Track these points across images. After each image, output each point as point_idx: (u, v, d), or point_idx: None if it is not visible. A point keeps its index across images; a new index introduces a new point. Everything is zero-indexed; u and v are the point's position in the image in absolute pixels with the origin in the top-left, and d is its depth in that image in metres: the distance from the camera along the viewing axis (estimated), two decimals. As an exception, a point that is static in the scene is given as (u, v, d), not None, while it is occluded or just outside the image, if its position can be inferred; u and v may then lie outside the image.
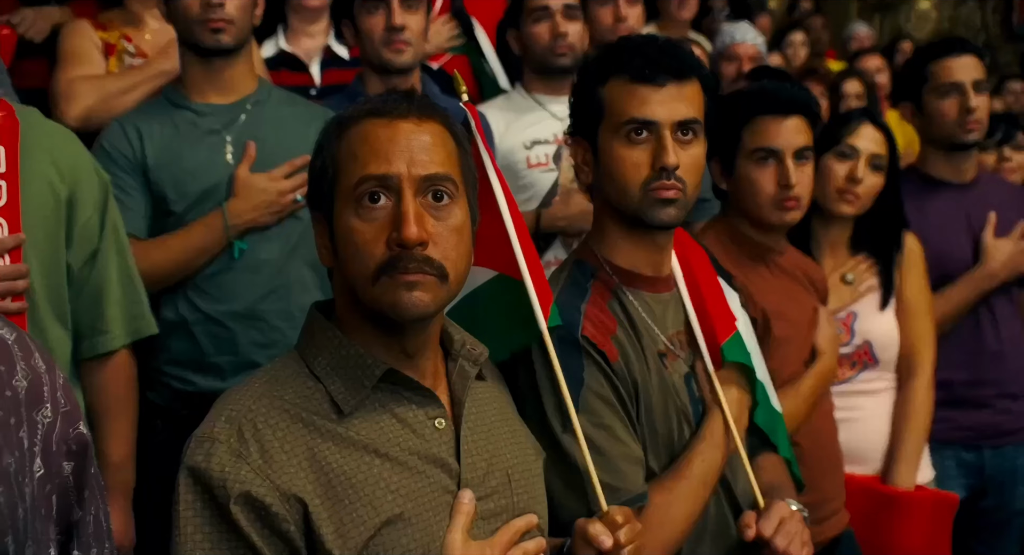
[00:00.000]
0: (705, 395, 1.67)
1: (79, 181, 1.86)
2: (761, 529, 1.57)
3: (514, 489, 1.36)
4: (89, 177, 1.89)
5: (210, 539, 1.18)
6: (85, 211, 1.87)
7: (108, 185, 1.93)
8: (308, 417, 1.24)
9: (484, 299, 1.52)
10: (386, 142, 1.26)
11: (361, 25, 2.56)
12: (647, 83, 1.59)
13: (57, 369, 1.06)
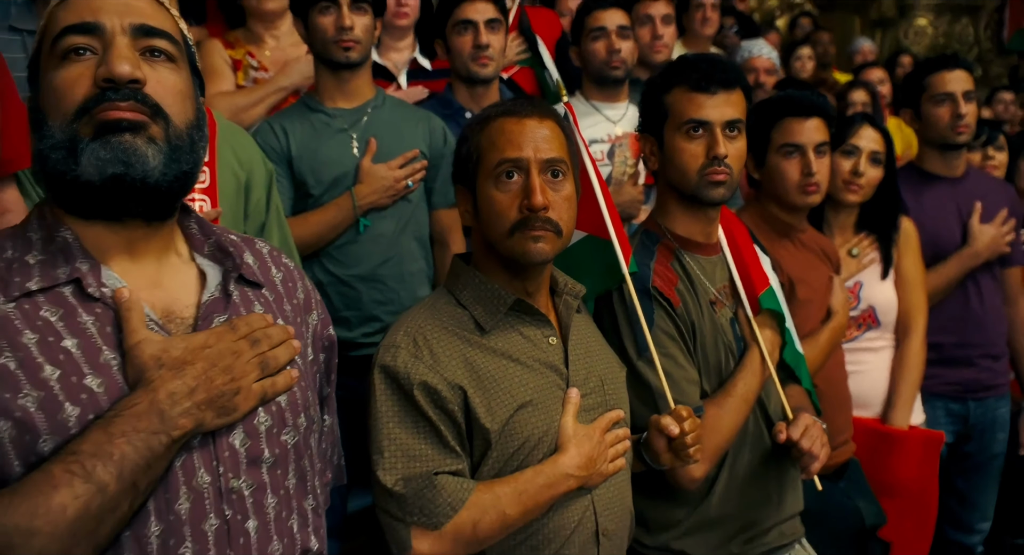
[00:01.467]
0: (745, 334, 1.96)
1: (253, 169, 2.10)
2: (790, 433, 1.86)
3: (606, 390, 1.69)
4: (259, 166, 2.13)
5: (398, 416, 1.51)
6: (256, 192, 2.11)
7: (273, 173, 2.16)
8: (460, 332, 1.58)
9: (577, 254, 1.82)
10: (517, 134, 1.59)
11: (451, 44, 2.82)
12: (702, 91, 1.88)
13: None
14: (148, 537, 1.08)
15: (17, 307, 1.09)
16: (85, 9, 1.16)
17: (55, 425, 1.05)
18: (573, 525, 1.59)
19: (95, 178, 1.11)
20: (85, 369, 1.09)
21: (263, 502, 1.17)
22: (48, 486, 1.01)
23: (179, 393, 1.09)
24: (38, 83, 1.18)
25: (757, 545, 1.95)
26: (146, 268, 1.19)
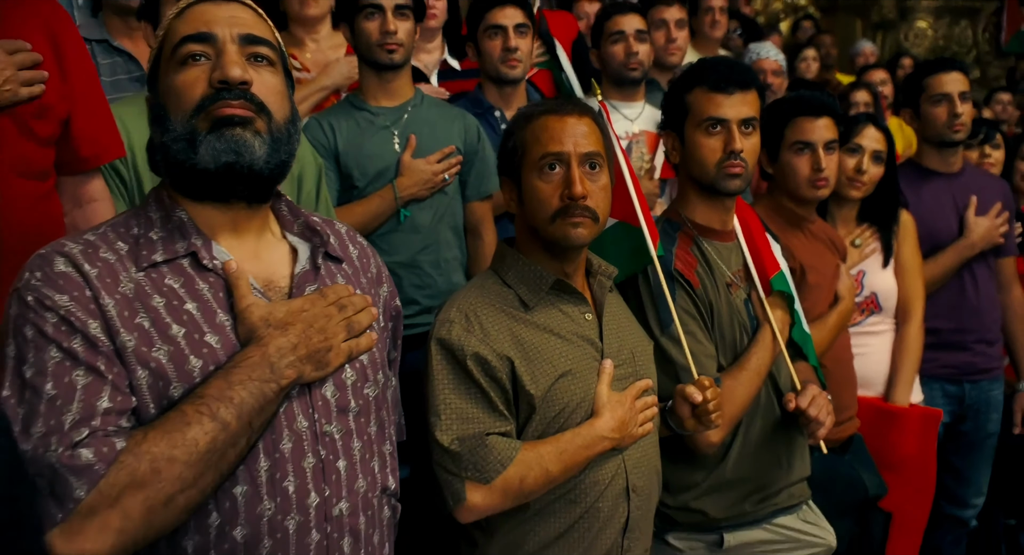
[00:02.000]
0: (758, 314, 2.12)
1: (304, 163, 2.25)
2: (799, 402, 2.03)
3: (636, 362, 1.86)
4: (310, 160, 2.28)
5: (453, 383, 1.69)
6: (308, 184, 2.26)
7: (322, 166, 2.31)
8: (506, 309, 1.75)
9: (607, 239, 1.98)
10: (559, 130, 1.76)
11: (482, 47, 2.98)
12: (720, 92, 2.05)
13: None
14: (259, 471, 1.26)
15: (146, 276, 1.27)
16: (200, 21, 1.33)
17: (183, 374, 1.23)
18: (606, 481, 1.76)
19: (211, 165, 1.29)
20: (205, 328, 1.26)
21: (350, 445, 1.35)
22: (183, 423, 1.19)
23: (284, 348, 1.27)
24: (157, 85, 1.36)
25: (768, 505, 2.12)
26: (247, 244, 1.37)
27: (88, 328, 1.21)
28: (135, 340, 1.23)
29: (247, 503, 1.25)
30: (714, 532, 2.08)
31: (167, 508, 1.18)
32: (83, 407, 1.18)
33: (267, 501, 1.26)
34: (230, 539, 1.24)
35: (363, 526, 1.35)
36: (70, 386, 1.19)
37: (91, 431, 1.17)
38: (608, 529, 1.77)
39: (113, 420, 1.19)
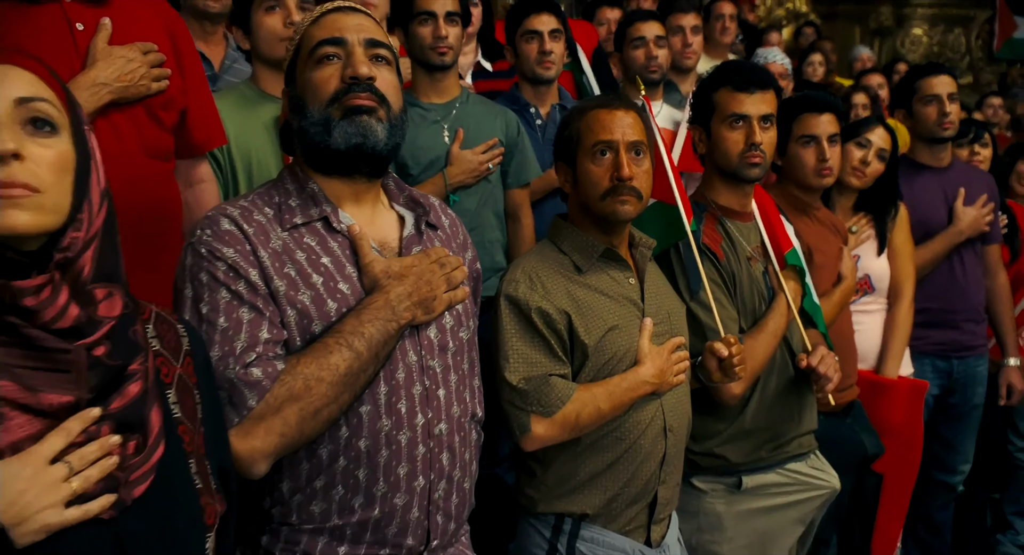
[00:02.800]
0: (774, 284, 2.42)
1: None
2: (810, 361, 2.32)
3: (671, 322, 2.16)
4: None
5: (520, 332, 1.98)
6: None
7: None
8: (563, 272, 2.05)
9: (647, 217, 2.27)
10: (609, 122, 2.06)
11: (520, 50, 3.27)
12: (743, 91, 2.34)
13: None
14: (379, 395, 1.55)
15: (290, 235, 1.57)
16: (333, 28, 1.62)
17: (322, 314, 1.52)
18: (647, 421, 2.06)
19: (342, 146, 1.58)
20: (337, 278, 1.56)
21: (448, 378, 1.64)
22: (325, 351, 1.48)
23: (402, 295, 1.56)
24: (295, 80, 1.65)
25: (780, 452, 2.41)
26: (365, 211, 1.66)
27: (249, 275, 1.50)
28: (285, 286, 1.52)
29: (370, 420, 1.54)
30: (733, 475, 2.37)
31: (315, 419, 1.48)
32: (248, 337, 1.48)
33: (385, 419, 1.55)
34: (355, 448, 1.54)
35: (457, 444, 1.64)
36: (238, 320, 1.48)
37: (257, 355, 1.46)
38: (648, 462, 2.06)
39: (271, 348, 1.49)
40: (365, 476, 1.54)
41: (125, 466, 1.14)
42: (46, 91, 1.13)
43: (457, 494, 1.64)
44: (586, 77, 3.88)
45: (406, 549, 1.59)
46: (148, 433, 1.17)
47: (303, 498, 1.54)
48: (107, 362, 1.15)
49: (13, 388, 1.08)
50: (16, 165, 1.07)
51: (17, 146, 1.07)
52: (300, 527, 1.55)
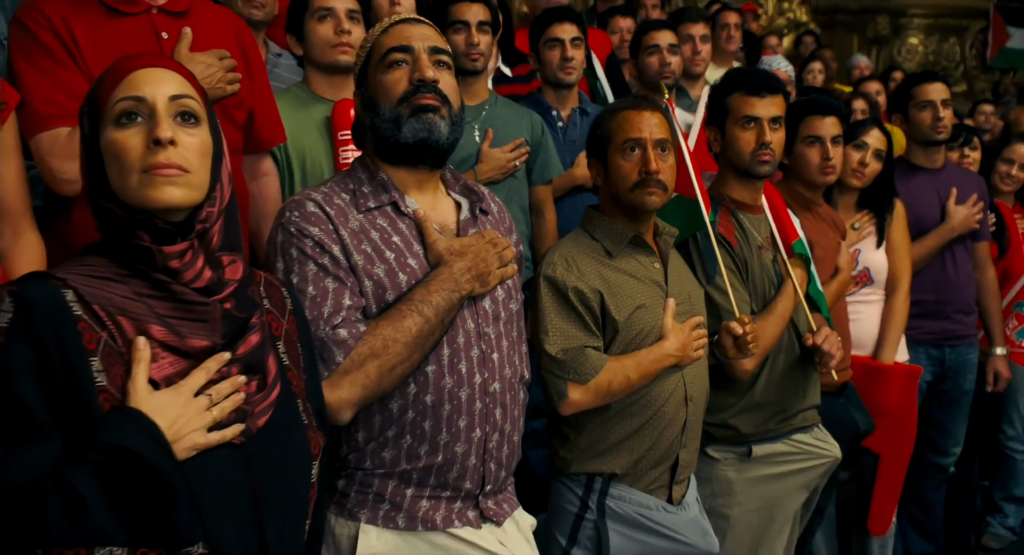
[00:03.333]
0: (782, 271, 2.63)
1: None
2: (815, 340, 2.55)
3: (692, 302, 2.38)
4: None
5: (557, 309, 2.19)
6: None
7: None
8: (595, 256, 2.27)
9: (668, 209, 2.49)
10: (638, 121, 2.27)
11: (543, 56, 3.48)
12: (755, 95, 2.56)
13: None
14: (443, 356, 1.77)
15: (364, 217, 1.79)
16: (401, 37, 1.84)
17: (395, 285, 1.75)
18: (670, 391, 2.28)
19: (410, 140, 1.80)
20: (407, 254, 1.78)
21: (501, 344, 1.86)
22: (399, 316, 1.70)
23: (463, 269, 1.78)
24: (367, 82, 1.87)
25: (787, 424, 2.63)
26: (427, 197, 1.88)
27: (332, 250, 1.73)
28: (363, 260, 1.74)
29: (435, 378, 1.76)
30: (744, 445, 2.58)
31: (391, 374, 1.70)
32: (334, 303, 1.70)
33: (448, 377, 1.77)
34: (422, 403, 1.76)
35: (508, 401, 1.86)
36: (324, 289, 1.70)
37: (342, 319, 1.68)
38: (671, 428, 2.28)
39: (353, 313, 1.71)
40: (430, 427, 1.76)
41: (250, 401, 1.36)
42: (191, 90, 1.35)
43: (507, 445, 1.86)
44: (600, 83, 4.12)
45: (464, 492, 1.81)
46: (267, 375, 1.39)
47: (376, 446, 1.76)
48: (235, 315, 1.37)
49: (164, 333, 1.30)
50: (172, 150, 1.29)
51: (173, 134, 1.29)
52: (373, 472, 1.77)
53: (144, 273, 1.31)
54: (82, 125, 1.36)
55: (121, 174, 1.29)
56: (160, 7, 2.21)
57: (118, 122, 1.30)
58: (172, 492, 1.19)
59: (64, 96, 2.07)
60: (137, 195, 1.29)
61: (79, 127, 1.37)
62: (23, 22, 2.10)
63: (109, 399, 1.24)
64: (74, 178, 2.07)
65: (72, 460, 1.19)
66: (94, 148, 1.33)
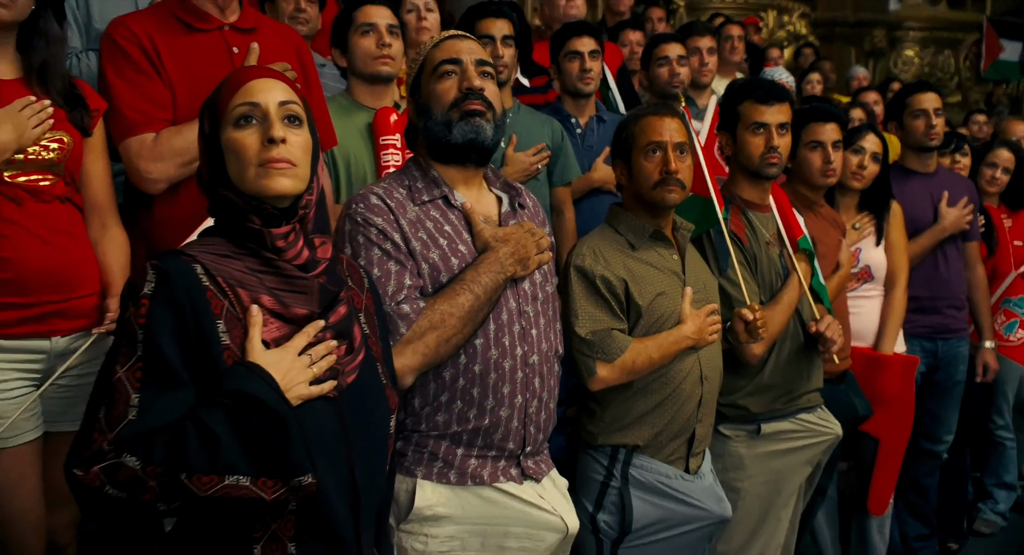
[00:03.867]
0: (788, 265, 2.87)
1: None
2: (819, 327, 2.78)
3: (706, 291, 2.60)
4: None
5: (586, 295, 2.42)
6: None
7: None
8: (620, 248, 2.50)
9: (684, 207, 2.73)
10: (659, 126, 2.51)
11: (563, 68, 3.72)
12: (764, 103, 2.80)
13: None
14: (489, 331, 2.00)
15: (420, 209, 2.02)
16: (452, 50, 2.07)
17: (448, 268, 1.98)
18: (687, 370, 2.51)
19: (460, 141, 2.04)
20: (457, 241, 2.02)
21: (539, 321, 2.10)
22: (454, 294, 1.94)
23: (507, 254, 2.02)
24: (420, 91, 2.10)
25: (793, 404, 2.87)
26: (472, 192, 2.12)
27: (394, 237, 1.96)
28: (420, 246, 1.98)
29: (482, 350, 2.00)
30: (753, 423, 2.81)
31: (447, 344, 1.93)
32: (396, 283, 1.93)
33: (493, 350, 2.01)
34: (471, 372, 1.99)
35: (545, 372, 2.10)
36: (388, 271, 1.94)
37: (404, 296, 1.92)
38: (688, 404, 2.51)
39: (413, 292, 1.94)
40: (478, 393, 2.00)
41: (340, 362, 1.59)
42: (295, 97, 1.59)
43: (544, 411, 2.10)
44: (612, 93, 4.35)
45: (507, 452, 2.04)
46: (353, 341, 1.63)
47: (430, 411, 2.00)
48: (328, 288, 1.61)
49: (272, 302, 1.53)
50: (283, 147, 1.53)
51: (284, 134, 1.53)
52: (427, 434, 2.01)
53: (255, 251, 1.55)
54: (202, 126, 1.60)
55: (239, 167, 1.53)
56: (231, 24, 2.45)
57: (236, 124, 1.54)
58: (287, 431, 1.43)
59: (150, 105, 2.31)
60: (253, 185, 1.52)
61: (199, 128, 1.61)
62: (113, 38, 2.34)
63: (231, 355, 1.47)
64: (159, 177, 2.31)
65: (205, 404, 1.42)
66: (215, 145, 1.56)
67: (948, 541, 4.37)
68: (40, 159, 2.13)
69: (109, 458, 1.38)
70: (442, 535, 1.99)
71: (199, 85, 2.38)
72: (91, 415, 1.42)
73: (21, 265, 2.09)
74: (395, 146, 2.93)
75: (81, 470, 1.37)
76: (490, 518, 2.02)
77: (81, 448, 1.39)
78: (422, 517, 1.98)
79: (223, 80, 1.60)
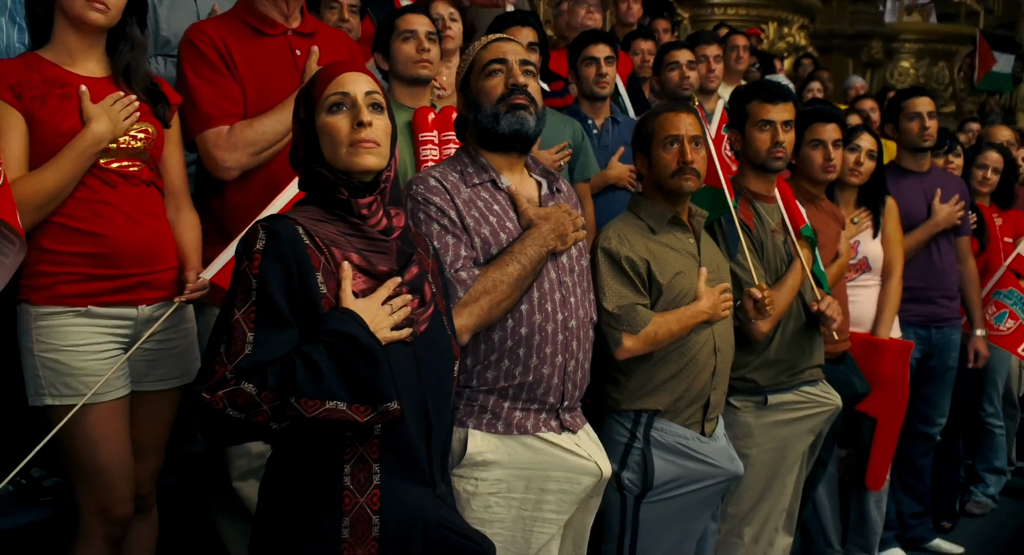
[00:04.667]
0: (791, 251, 3.14)
1: None
2: (820, 306, 3.05)
3: (719, 272, 2.86)
4: None
5: (612, 275, 2.68)
6: None
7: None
8: (641, 232, 2.77)
9: (696, 197, 3.01)
10: (677, 121, 2.77)
11: (580, 73, 3.99)
12: (770, 102, 3.07)
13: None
14: (534, 298, 2.28)
15: (471, 191, 2.30)
16: (498, 51, 2.35)
17: (497, 241, 2.25)
18: (703, 342, 2.77)
19: (507, 131, 2.31)
20: (504, 219, 2.29)
21: (575, 291, 2.37)
22: (503, 264, 2.21)
23: (549, 230, 2.29)
24: (470, 87, 2.38)
25: (796, 378, 3.13)
26: (515, 177, 2.39)
27: (450, 214, 2.24)
28: (472, 222, 2.25)
29: (527, 314, 2.27)
30: (761, 395, 3.08)
31: (498, 308, 2.20)
32: (454, 254, 2.21)
33: (537, 314, 2.28)
34: (518, 333, 2.26)
35: (581, 336, 2.37)
36: (446, 243, 2.21)
37: (461, 265, 2.19)
38: (703, 373, 2.78)
39: (468, 262, 2.22)
40: (523, 353, 2.26)
41: (414, 313, 1.86)
42: (377, 87, 1.87)
43: (580, 371, 2.37)
44: (622, 97, 4.65)
45: (548, 405, 2.31)
46: (424, 296, 1.90)
47: (481, 368, 2.27)
48: (404, 250, 1.88)
49: (359, 260, 1.81)
50: (370, 129, 1.80)
51: (370, 118, 1.81)
52: (478, 389, 2.27)
53: (343, 218, 1.82)
54: (297, 112, 1.87)
55: (333, 146, 1.80)
56: (294, 30, 2.74)
57: (330, 110, 1.82)
58: (378, 363, 1.70)
59: (224, 101, 2.60)
60: (345, 161, 1.80)
61: (294, 113, 1.89)
62: (192, 41, 2.62)
63: (328, 302, 1.75)
64: (233, 165, 2.59)
65: (309, 341, 1.69)
66: (310, 129, 1.84)
67: (942, 520, 4.65)
68: (130, 147, 2.40)
69: (230, 385, 1.65)
70: (491, 478, 2.26)
71: (266, 83, 2.67)
72: (212, 349, 1.69)
73: (114, 241, 2.36)
74: (432, 142, 3.21)
75: (208, 394, 1.64)
76: (533, 463, 2.29)
77: (205, 376, 1.66)
78: (473, 463, 2.24)
79: (317, 73, 1.87)
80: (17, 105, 2.25)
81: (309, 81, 1.88)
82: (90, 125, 2.27)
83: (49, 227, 2.31)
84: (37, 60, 2.35)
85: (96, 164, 2.33)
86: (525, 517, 2.28)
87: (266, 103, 2.65)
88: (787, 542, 3.30)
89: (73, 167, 2.26)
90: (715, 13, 8.99)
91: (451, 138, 3.17)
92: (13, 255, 2.20)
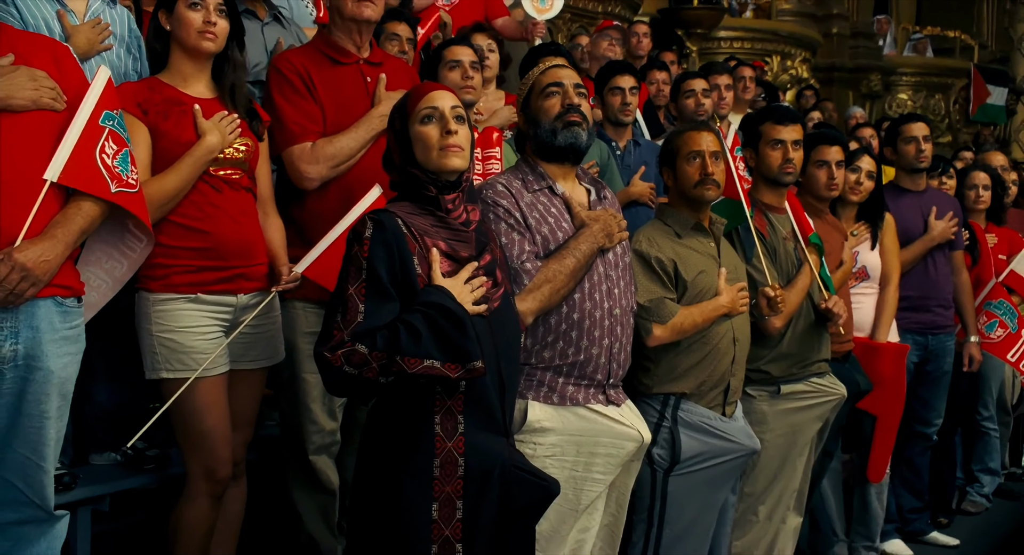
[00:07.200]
0: (801, 256, 3.50)
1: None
2: (828, 305, 3.40)
3: (737, 272, 3.21)
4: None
5: (644, 273, 3.01)
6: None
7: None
8: (668, 236, 3.12)
9: (716, 207, 3.38)
10: (699, 138, 3.13)
11: (606, 100, 4.34)
12: (782, 124, 3.45)
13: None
14: (585, 288, 2.62)
15: (532, 196, 2.66)
16: (555, 76, 2.71)
17: (555, 239, 2.61)
18: (723, 333, 3.12)
19: (563, 145, 2.67)
20: (561, 220, 2.65)
21: (619, 283, 2.72)
22: (561, 257, 2.56)
23: (598, 230, 2.65)
24: (530, 107, 2.74)
25: (806, 370, 3.47)
26: (568, 184, 2.75)
27: (515, 215, 2.60)
28: (534, 222, 2.61)
29: (579, 302, 2.62)
30: (774, 385, 3.41)
31: (556, 295, 2.56)
32: (519, 248, 2.56)
33: (588, 302, 2.63)
34: (571, 318, 2.61)
35: (625, 323, 2.72)
36: (512, 239, 2.57)
37: (526, 257, 2.55)
38: (724, 361, 3.12)
39: (531, 255, 2.57)
40: (576, 335, 2.61)
41: (489, 292, 2.22)
42: (459, 103, 2.24)
43: (623, 352, 2.72)
44: (638, 124, 5.03)
45: (596, 382, 2.66)
46: (497, 279, 2.26)
47: (539, 348, 2.61)
48: (481, 240, 2.24)
49: (445, 246, 2.17)
50: (455, 136, 2.17)
51: (456, 127, 2.18)
52: (536, 366, 2.62)
53: (431, 212, 2.19)
54: (392, 123, 2.24)
55: (425, 151, 2.17)
56: (365, 59, 3.13)
57: (422, 121, 2.19)
58: (466, 328, 2.05)
59: (307, 120, 2.98)
60: (436, 163, 2.17)
61: (389, 124, 2.25)
62: (279, 68, 3.01)
63: (422, 281, 2.11)
64: (315, 177, 2.96)
65: (409, 311, 2.05)
66: (404, 137, 2.21)
67: (939, 517, 4.96)
68: (233, 158, 2.77)
69: (347, 346, 2.00)
70: (547, 443, 2.59)
71: (342, 105, 3.05)
72: (330, 317, 2.05)
73: (219, 238, 2.73)
74: (476, 158, 3.58)
75: (329, 353, 2.00)
76: (584, 430, 2.63)
77: (326, 339, 2.02)
78: (532, 429, 2.58)
79: (409, 91, 2.26)
80: (144, 120, 2.64)
81: (403, 97, 2.26)
82: (205, 137, 2.65)
83: (166, 225, 2.69)
84: (157, 83, 2.74)
85: (207, 171, 2.70)
86: (576, 477, 2.62)
87: (342, 123, 3.03)
88: (797, 522, 3.62)
89: (190, 172, 2.64)
90: (721, 46, 9.41)
91: (492, 154, 3.53)
92: (140, 250, 2.56)
